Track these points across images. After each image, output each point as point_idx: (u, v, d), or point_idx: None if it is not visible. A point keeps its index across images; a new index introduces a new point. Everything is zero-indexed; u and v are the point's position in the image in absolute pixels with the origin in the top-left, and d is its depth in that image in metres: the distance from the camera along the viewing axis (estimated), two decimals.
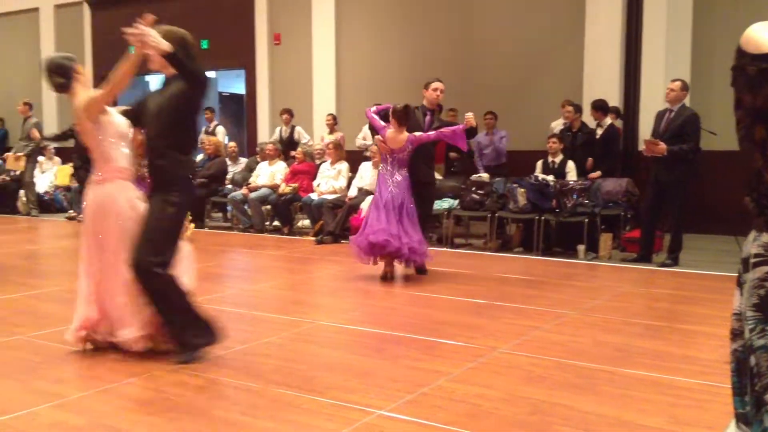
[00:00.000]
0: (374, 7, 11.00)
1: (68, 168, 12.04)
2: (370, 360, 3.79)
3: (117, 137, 3.93)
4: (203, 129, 11.88)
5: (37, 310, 5.06)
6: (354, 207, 8.60)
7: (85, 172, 9.69)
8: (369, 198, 8.51)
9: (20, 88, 13.99)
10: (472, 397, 3.18)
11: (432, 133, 6.13)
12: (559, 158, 8.18)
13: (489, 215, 8.07)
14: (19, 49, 14.78)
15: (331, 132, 10.81)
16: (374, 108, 6.36)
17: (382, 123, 6.13)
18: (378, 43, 10.96)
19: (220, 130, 11.70)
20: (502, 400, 3.16)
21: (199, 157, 10.76)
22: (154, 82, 14.55)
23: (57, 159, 12.57)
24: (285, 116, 10.85)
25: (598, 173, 8.04)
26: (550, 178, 7.92)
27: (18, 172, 11.35)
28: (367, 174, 9.09)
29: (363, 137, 10.08)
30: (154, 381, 3.37)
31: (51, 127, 13.49)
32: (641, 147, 7.25)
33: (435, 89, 6.50)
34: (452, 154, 9.41)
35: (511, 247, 8.15)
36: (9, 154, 11.42)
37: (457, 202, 8.46)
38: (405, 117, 6.01)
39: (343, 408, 3.04)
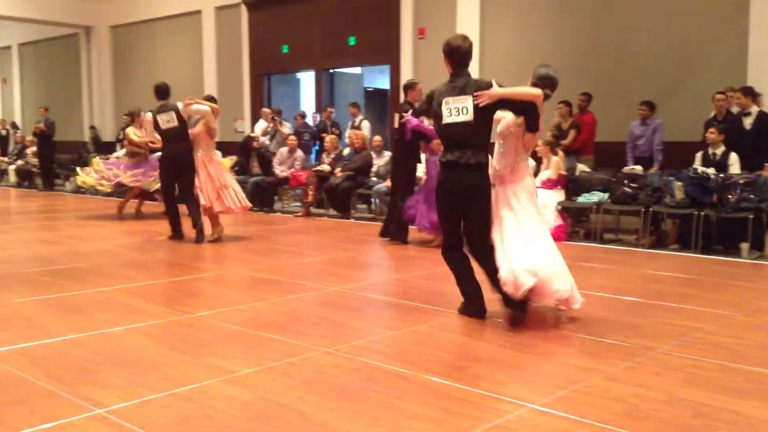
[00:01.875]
0: (520, 1, 10.81)
1: (229, 161, 12.85)
2: (519, 354, 3.77)
3: None
4: (349, 124, 12.27)
5: (207, 292, 5.49)
6: None
7: None
8: None
9: (183, 87, 15.07)
10: (629, 397, 3.08)
11: None
12: (720, 150, 7.66)
13: (642, 210, 7.71)
14: (182, 49, 15.94)
15: None
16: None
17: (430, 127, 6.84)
18: (523, 36, 10.76)
19: (365, 125, 12.01)
20: (661, 401, 3.04)
21: (346, 151, 11.13)
22: (306, 79, 15.22)
23: (218, 153, 13.42)
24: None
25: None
26: (711, 170, 7.45)
27: None
28: None
29: None
30: (313, 362, 3.56)
31: None
32: None
33: (420, 90, 7.39)
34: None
35: (667, 244, 7.76)
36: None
37: (607, 195, 8.16)
38: None
39: (493, 399, 3.06)
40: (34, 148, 15.71)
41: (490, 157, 4.51)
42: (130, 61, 17.30)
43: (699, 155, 7.82)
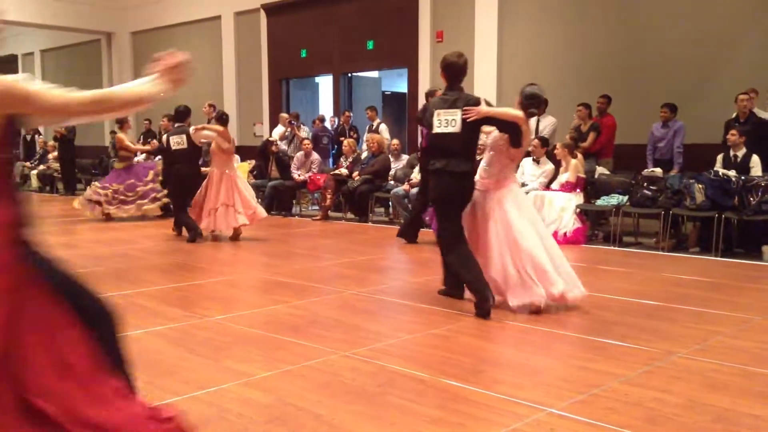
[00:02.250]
0: (539, 2, 10.77)
1: (247, 165, 12.96)
2: (537, 358, 3.75)
3: None
4: (367, 127, 12.29)
5: (225, 295, 5.52)
6: None
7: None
8: (531, 194, 8.39)
9: (204, 91, 15.22)
10: (648, 401, 3.05)
11: None
12: (741, 152, 7.57)
13: (662, 212, 7.64)
14: (202, 54, 16.06)
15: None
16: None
17: None
18: (542, 38, 10.72)
19: (383, 128, 12.03)
20: (682, 406, 3.01)
21: (364, 155, 11.16)
22: (324, 83, 15.27)
23: (237, 157, 13.54)
24: None
25: None
26: (732, 173, 7.36)
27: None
28: (528, 169, 8.95)
29: None
30: (331, 365, 3.57)
31: (231, 127, 14.54)
32: None
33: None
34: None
35: (687, 247, 7.68)
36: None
37: (626, 198, 8.10)
38: None
39: (511, 403, 3.04)
40: (55, 153, 15.91)
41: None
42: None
43: (720, 157, 7.74)
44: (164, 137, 8.78)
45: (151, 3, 16.83)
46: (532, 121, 9.81)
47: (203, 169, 9.00)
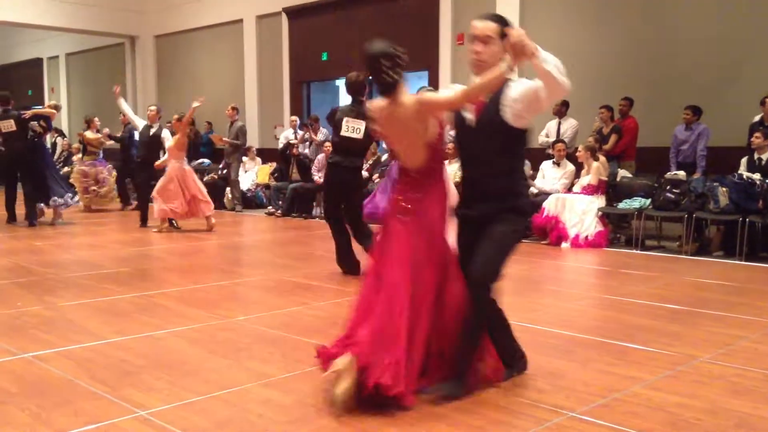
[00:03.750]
0: (561, 4, 10.71)
1: (269, 167, 13.04)
2: (558, 361, 3.73)
3: None
4: None
5: (246, 296, 5.56)
6: (535, 206, 8.46)
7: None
8: (553, 197, 8.35)
9: (226, 94, 15.33)
10: (671, 406, 3.02)
11: None
12: (766, 155, 7.47)
13: (685, 216, 7.57)
14: (224, 57, 16.20)
15: None
16: None
17: None
18: (564, 41, 10.65)
19: None
20: (705, 411, 2.97)
21: (384, 157, 11.16)
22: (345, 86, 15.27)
23: (258, 159, 13.66)
24: None
25: None
26: (757, 176, 7.26)
27: (225, 171, 12.54)
28: (549, 173, 8.91)
29: (546, 134, 9.88)
30: None
31: (253, 130, 14.67)
32: None
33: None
34: None
35: (710, 251, 7.59)
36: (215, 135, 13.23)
37: (648, 201, 8.03)
38: None
39: (531, 406, 3.03)
40: (79, 155, 16.11)
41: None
42: (174, 69, 17.65)
43: (744, 160, 7.64)
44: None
45: (174, 7, 17.00)
46: (554, 123, 9.82)
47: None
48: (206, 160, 14.41)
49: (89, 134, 12.52)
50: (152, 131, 9.88)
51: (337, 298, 5.32)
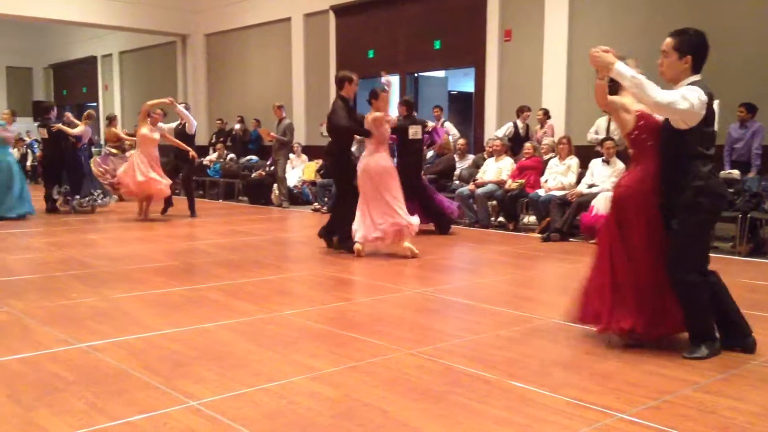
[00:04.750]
0: (608, 2, 10.52)
1: (315, 164, 13.15)
2: (606, 361, 3.68)
3: None
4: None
5: (293, 291, 5.64)
6: (584, 204, 8.34)
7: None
8: (602, 196, 8.21)
9: (274, 92, 15.52)
10: (723, 410, 2.96)
11: None
12: None
13: (739, 216, 7.36)
14: (272, 55, 16.40)
15: (542, 127, 10.62)
16: None
17: None
18: (615, 36, 10.45)
19: (448, 126, 11.99)
20: (757, 415, 2.90)
21: (429, 154, 11.15)
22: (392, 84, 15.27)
23: (304, 156, 13.80)
24: (524, 114, 10.85)
25: None
26: None
27: (272, 168, 12.71)
28: (599, 170, 8.76)
29: (595, 131, 9.72)
30: (396, 363, 3.59)
31: (300, 127, 14.81)
32: None
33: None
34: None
35: (765, 252, 7.37)
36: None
37: None
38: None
39: (579, 407, 3.00)
40: (132, 152, 16.52)
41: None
42: (223, 67, 17.94)
43: None
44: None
45: (224, 6, 17.27)
46: (603, 120, 9.65)
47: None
48: (254, 157, 14.64)
49: (111, 131, 13.62)
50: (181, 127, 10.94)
51: (381, 294, 5.34)
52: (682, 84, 3.71)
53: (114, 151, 13.20)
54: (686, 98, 3.57)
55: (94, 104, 22.30)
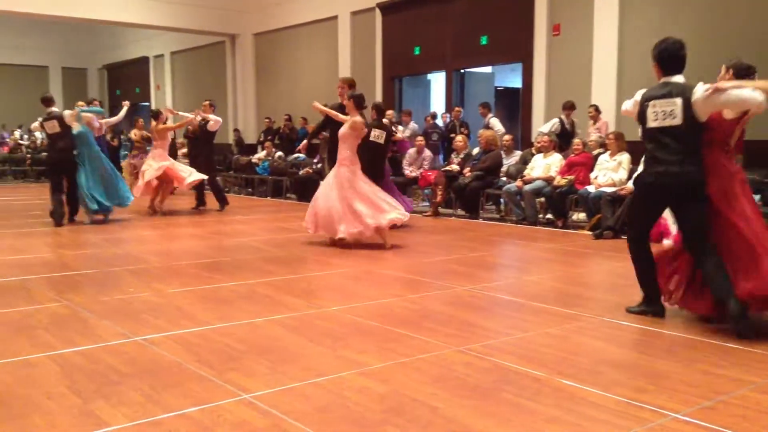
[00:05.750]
0: None
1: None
2: (660, 361, 3.61)
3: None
4: (484, 124, 12.21)
5: (339, 287, 5.68)
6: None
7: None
8: None
9: (319, 90, 15.64)
10: None
11: None
12: None
13: None
14: (319, 54, 16.53)
15: (594, 123, 10.43)
16: None
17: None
18: (669, 28, 10.20)
19: (494, 122, 11.91)
20: None
21: (475, 151, 11.09)
22: (436, 80, 15.28)
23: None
24: (570, 110, 10.71)
25: None
26: None
27: (319, 166, 12.82)
28: None
29: None
30: (444, 359, 3.60)
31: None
32: None
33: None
34: None
35: None
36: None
37: (758, 197, 7.61)
38: None
39: (632, 406, 2.95)
40: (184, 150, 16.86)
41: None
42: (271, 66, 18.17)
43: None
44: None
45: (272, 5, 17.48)
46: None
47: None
48: (301, 155, 14.77)
49: (135, 132, 14.28)
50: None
51: (428, 291, 5.35)
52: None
53: (133, 151, 14.20)
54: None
55: (147, 104, 22.85)
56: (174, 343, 3.90)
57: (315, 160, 13.43)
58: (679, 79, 4.39)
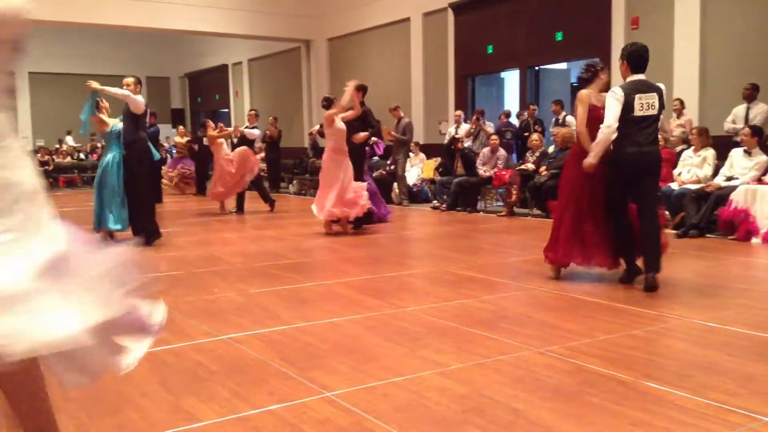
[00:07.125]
0: None
1: (433, 162, 13.22)
2: (750, 363, 3.47)
3: None
4: (553, 121, 12.00)
5: (416, 287, 5.71)
6: (722, 198, 7.87)
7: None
8: (742, 188, 7.72)
9: (392, 91, 15.72)
10: None
11: None
12: None
13: None
14: (391, 56, 16.61)
15: (679, 117, 10.06)
16: None
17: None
18: (753, 20, 9.77)
19: (570, 120, 11.65)
20: None
21: (551, 149, 10.90)
22: (509, 78, 15.11)
23: (422, 155, 13.90)
24: None
25: None
26: None
27: (392, 167, 12.91)
28: (739, 161, 8.24)
29: (732, 120, 9.13)
30: (525, 361, 3.57)
31: (418, 126, 14.92)
32: None
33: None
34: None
35: None
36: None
37: None
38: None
39: (723, 410, 2.85)
40: (262, 155, 17.29)
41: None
42: (345, 70, 18.37)
43: None
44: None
45: (345, 9, 17.70)
46: (741, 108, 9.03)
47: None
48: (375, 157, 14.88)
49: (177, 139, 16.24)
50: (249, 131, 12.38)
51: (505, 291, 5.30)
52: None
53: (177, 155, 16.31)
54: None
55: (226, 110, 23.54)
56: (258, 341, 4.02)
57: (388, 161, 13.51)
58: (643, 77, 5.41)
